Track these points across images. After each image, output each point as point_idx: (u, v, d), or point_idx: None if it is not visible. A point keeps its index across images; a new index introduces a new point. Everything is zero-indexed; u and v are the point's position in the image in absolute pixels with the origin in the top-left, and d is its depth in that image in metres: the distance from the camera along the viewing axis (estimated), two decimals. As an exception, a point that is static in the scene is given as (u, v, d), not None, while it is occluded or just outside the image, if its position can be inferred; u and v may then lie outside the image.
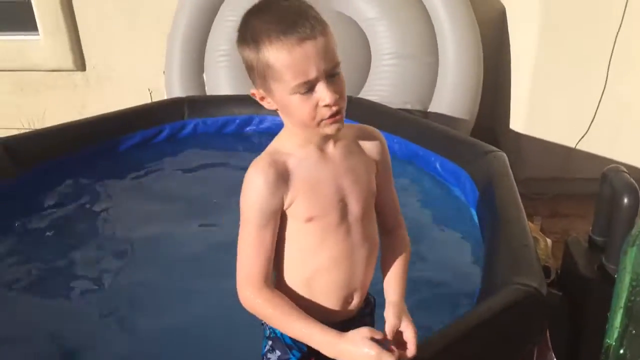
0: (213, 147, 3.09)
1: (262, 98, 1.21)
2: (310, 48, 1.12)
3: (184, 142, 3.13)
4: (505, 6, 3.62)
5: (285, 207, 1.22)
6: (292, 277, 1.29)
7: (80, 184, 2.76)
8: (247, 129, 3.17)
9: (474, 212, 2.30)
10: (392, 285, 1.36)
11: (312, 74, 1.13)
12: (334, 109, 1.16)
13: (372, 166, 1.33)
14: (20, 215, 2.51)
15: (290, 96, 1.15)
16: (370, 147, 1.33)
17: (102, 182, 2.82)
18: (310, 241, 1.26)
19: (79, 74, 4.27)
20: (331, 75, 1.15)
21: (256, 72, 1.17)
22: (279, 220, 1.24)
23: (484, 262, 1.84)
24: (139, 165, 2.95)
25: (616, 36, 2.95)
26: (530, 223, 1.97)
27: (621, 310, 1.56)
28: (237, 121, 3.15)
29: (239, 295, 1.24)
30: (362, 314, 1.39)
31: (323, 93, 1.14)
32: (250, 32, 1.15)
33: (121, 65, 4.20)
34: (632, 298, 1.52)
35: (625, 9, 2.89)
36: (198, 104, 3.19)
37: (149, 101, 4.05)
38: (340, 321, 1.32)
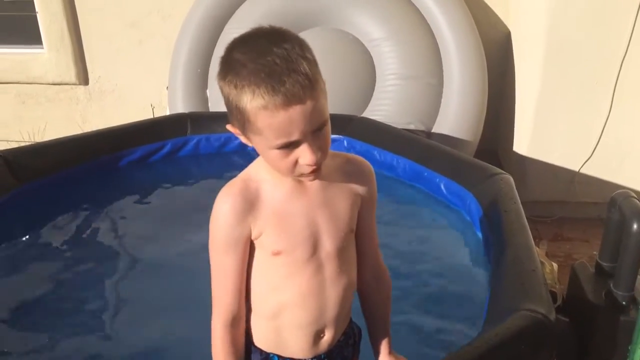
0: (215, 163, 3.06)
1: (238, 134, 1.14)
2: (296, 113, 1.03)
3: (186, 159, 3.10)
4: (511, 29, 3.63)
5: (253, 237, 1.18)
6: (260, 309, 1.26)
7: (80, 198, 2.73)
8: (250, 147, 3.14)
9: (479, 235, 2.27)
10: (379, 334, 1.36)
11: (295, 136, 1.06)
12: (315, 166, 1.10)
13: (355, 201, 1.25)
14: (18, 229, 2.47)
15: (269, 150, 1.09)
16: (356, 180, 1.25)
17: (102, 197, 2.78)
18: (277, 275, 1.21)
19: (82, 87, 4.26)
20: (317, 130, 1.08)
21: (234, 116, 1.09)
22: (248, 249, 1.19)
23: (490, 287, 1.81)
24: (140, 181, 2.92)
25: (622, 61, 2.95)
26: (536, 247, 1.93)
27: None
28: (240, 139, 3.14)
29: (212, 325, 1.24)
30: (343, 345, 1.34)
31: (305, 154, 1.08)
32: (232, 74, 1.05)
33: (124, 80, 4.20)
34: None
35: (632, 34, 2.89)
36: (201, 120, 3.16)
37: (151, 117, 4.04)
38: (315, 356, 1.29)
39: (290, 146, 1.07)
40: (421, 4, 3.35)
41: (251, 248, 1.20)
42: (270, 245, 1.18)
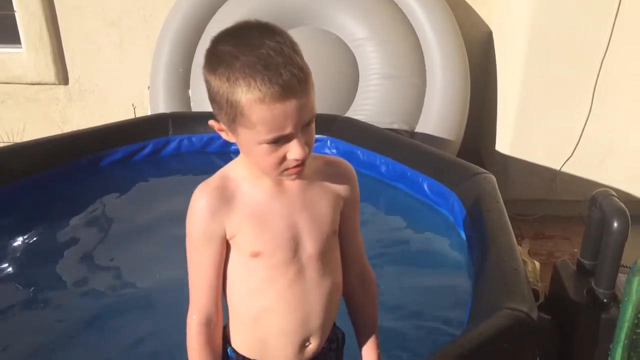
0: (197, 164, 3.03)
1: (222, 130, 1.12)
2: (292, 106, 1.02)
3: (168, 159, 3.07)
4: (492, 29, 3.66)
5: (228, 237, 1.16)
6: (241, 314, 1.24)
7: (60, 200, 2.69)
8: (233, 146, 3.12)
9: (462, 235, 2.28)
10: (366, 338, 1.35)
11: (288, 130, 1.05)
12: (301, 162, 1.10)
13: (337, 202, 1.24)
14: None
15: (256, 145, 1.07)
16: (337, 181, 1.24)
17: (83, 198, 2.75)
18: (256, 279, 1.18)
19: (61, 87, 4.20)
20: (307, 125, 1.08)
21: (223, 110, 1.06)
22: (224, 248, 1.18)
23: (473, 286, 1.81)
24: (121, 182, 2.89)
25: (602, 60, 2.98)
26: (518, 246, 1.95)
27: (622, 343, 1.53)
28: (222, 139, 3.11)
29: (187, 321, 1.22)
30: (327, 351, 1.33)
31: (295, 149, 1.07)
32: (224, 66, 1.02)
33: (105, 79, 4.15)
34: (638, 330, 1.49)
35: (611, 34, 2.92)
36: (183, 120, 3.14)
37: (132, 117, 4.00)
38: None
39: (280, 140, 1.06)
40: (404, 4, 3.36)
41: (228, 250, 1.19)
42: (248, 246, 1.16)
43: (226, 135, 1.13)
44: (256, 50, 1.01)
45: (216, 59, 1.04)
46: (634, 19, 2.90)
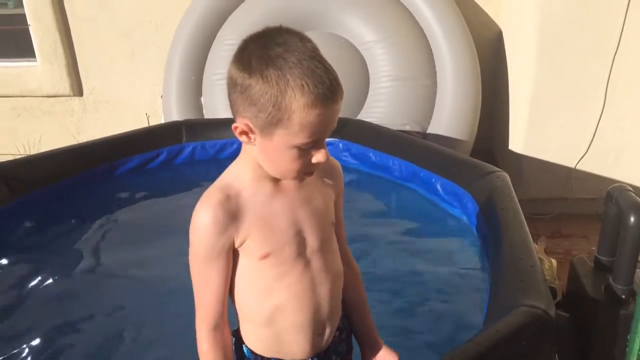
0: (211, 170, 3.04)
1: (246, 133, 1.11)
2: (332, 112, 1.07)
3: (182, 166, 3.10)
4: (502, 28, 3.65)
5: (237, 245, 1.18)
6: (253, 316, 1.25)
7: (76, 209, 2.72)
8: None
9: (476, 234, 2.27)
10: (362, 323, 1.37)
11: (323, 135, 1.10)
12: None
13: (330, 194, 1.28)
14: (14, 242, 2.46)
15: (289, 149, 1.09)
16: (327, 175, 1.28)
17: (99, 207, 2.78)
18: (267, 279, 1.20)
19: (76, 99, 4.26)
20: None
21: (264, 113, 1.05)
22: (232, 258, 1.19)
23: (489, 284, 1.81)
24: (136, 190, 2.91)
25: (614, 56, 2.96)
26: (534, 244, 1.94)
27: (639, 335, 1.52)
28: (235, 145, 3.13)
29: (196, 329, 1.23)
30: (338, 341, 1.35)
31: (321, 154, 1.11)
32: (274, 69, 1.02)
33: (118, 90, 4.20)
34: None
35: (622, 30, 2.90)
36: (196, 128, 3.16)
37: (146, 126, 4.04)
38: (315, 355, 1.28)
39: (312, 145, 1.09)
40: (412, 6, 3.36)
41: (234, 256, 1.20)
42: (257, 249, 1.18)
43: (248, 140, 1.12)
44: (303, 55, 1.03)
45: (261, 62, 1.04)
46: (645, 13, 2.88)
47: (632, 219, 1.80)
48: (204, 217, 1.15)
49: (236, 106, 1.10)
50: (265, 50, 1.04)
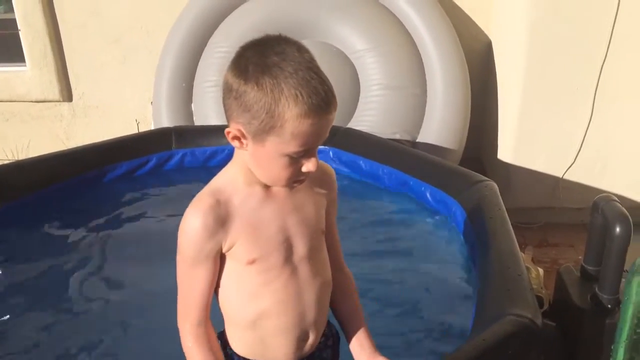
0: (200, 178, 3.03)
1: (238, 138, 1.12)
2: (325, 123, 1.08)
3: (171, 173, 3.09)
4: (492, 39, 3.68)
5: (225, 250, 1.19)
6: (238, 319, 1.26)
7: (65, 215, 2.71)
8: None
9: (464, 242, 2.28)
10: (356, 330, 1.35)
11: (314, 145, 1.11)
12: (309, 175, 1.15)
13: (322, 202, 1.29)
14: (2, 248, 2.44)
15: (280, 157, 1.10)
16: (319, 182, 1.28)
17: (87, 212, 2.76)
18: (253, 284, 1.21)
19: (65, 104, 4.24)
20: None
21: (257, 119, 1.06)
22: (218, 262, 1.20)
23: (477, 293, 1.82)
24: (125, 196, 2.90)
25: (601, 68, 2.99)
26: (521, 253, 1.95)
27: (625, 344, 1.53)
28: (226, 151, 3.13)
29: (178, 325, 1.23)
30: (323, 347, 1.36)
31: (311, 164, 1.12)
32: (269, 77, 1.03)
33: (108, 96, 4.19)
34: (638, 330, 1.49)
35: (610, 41, 2.94)
36: (186, 134, 3.16)
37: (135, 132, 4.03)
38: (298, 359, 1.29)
39: (303, 154, 1.10)
40: (403, 16, 3.39)
41: (221, 259, 1.20)
42: (245, 254, 1.19)
43: (240, 145, 1.14)
44: (299, 65, 1.04)
45: (258, 69, 1.05)
46: (632, 26, 2.92)
47: (617, 229, 1.82)
48: (193, 221, 1.16)
49: (230, 111, 1.11)
50: (262, 58, 1.05)
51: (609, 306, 1.91)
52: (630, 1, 2.87)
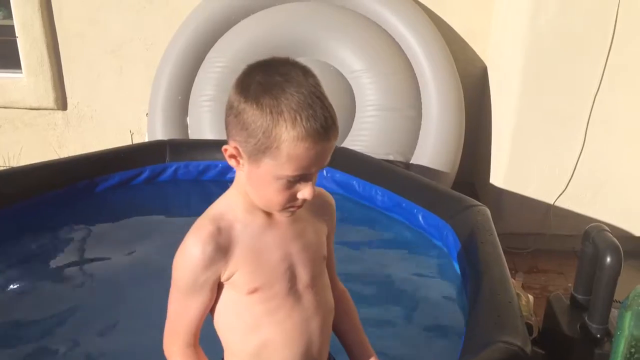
0: (193, 192, 3.04)
1: (234, 156, 1.11)
2: (322, 149, 1.06)
3: (164, 185, 3.07)
4: (487, 64, 3.72)
5: (223, 280, 1.15)
6: (238, 351, 1.22)
7: (55, 224, 2.69)
8: (229, 175, 3.14)
9: (456, 267, 2.28)
10: (360, 351, 1.33)
11: (312, 170, 1.08)
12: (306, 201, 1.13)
13: (323, 229, 1.27)
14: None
15: (275, 180, 1.08)
16: (320, 209, 1.27)
17: (78, 223, 2.74)
18: (255, 314, 1.17)
19: (60, 113, 4.23)
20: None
21: (254, 139, 1.05)
22: (215, 293, 1.16)
23: (467, 319, 1.81)
24: (117, 207, 2.89)
25: (595, 96, 3.03)
26: (512, 279, 1.95)
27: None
28: (220, 166, 3.13)
29: (164, 347, 1.20)
30: None
31: (307, 191, 1.10)
32: (270, 97, 1.02)
33: (103, 106, 4.18)
34: (630, 363, 1.49)
35: (604, 70, 2.97)
36: (180, 148, 3.16)
37: (129, 143, 4.02)
38: None
39: (298, 179, 1.08)
40: (401, 39, 3.42)
41: (219, 288, 1.17)
42: (246, 283, 1.15)
43: (236, 164, 1.12)
44: (302, 88, 1.03)
45: (259, 88, 1.04)
46: (626, 54, 2.96)
47: (608, 259, 1.83)
48: (192, 250, 1.13)
49: (229, 128, 1.11)
50: (265, 78, 1.05)
51: (598, 336, 1.91)
52: (624, 33, 2.92)
